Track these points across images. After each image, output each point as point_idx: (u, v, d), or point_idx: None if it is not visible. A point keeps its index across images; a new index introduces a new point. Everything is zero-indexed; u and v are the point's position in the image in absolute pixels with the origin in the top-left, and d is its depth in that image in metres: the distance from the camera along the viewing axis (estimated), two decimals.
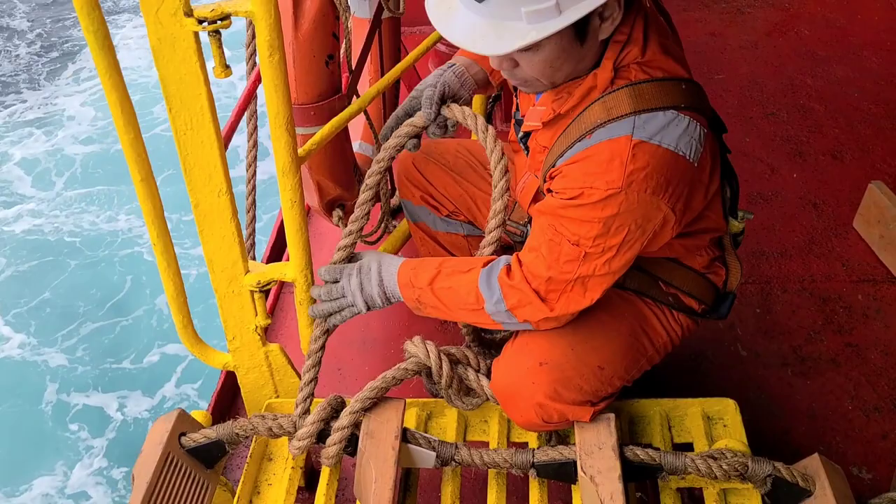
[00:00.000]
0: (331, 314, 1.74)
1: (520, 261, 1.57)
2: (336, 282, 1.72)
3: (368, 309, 1.71)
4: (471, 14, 1.36)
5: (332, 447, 1.67)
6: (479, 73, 1.81)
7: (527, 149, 1.67)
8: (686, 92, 1.46)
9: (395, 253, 2.40)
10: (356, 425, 1.69)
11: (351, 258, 1.76)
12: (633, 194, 1.40)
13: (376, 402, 1.72)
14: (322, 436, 1.70)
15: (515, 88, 1.68)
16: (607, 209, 1.42)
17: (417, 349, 1.71)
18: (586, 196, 1.42)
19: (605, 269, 1.50)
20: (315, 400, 1.80)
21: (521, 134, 1.69)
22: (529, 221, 1.93)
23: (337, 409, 1.72)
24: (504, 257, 1.63)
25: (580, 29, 1.36)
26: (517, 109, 1.73)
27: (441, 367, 1.69)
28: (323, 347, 1.79)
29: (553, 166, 1.51)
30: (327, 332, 1.79)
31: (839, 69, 3.91)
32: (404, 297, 1.67)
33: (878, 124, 3.49)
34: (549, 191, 1.53)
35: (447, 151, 2.09)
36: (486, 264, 1.61)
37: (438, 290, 1.63)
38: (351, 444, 1.68)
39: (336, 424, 1.68)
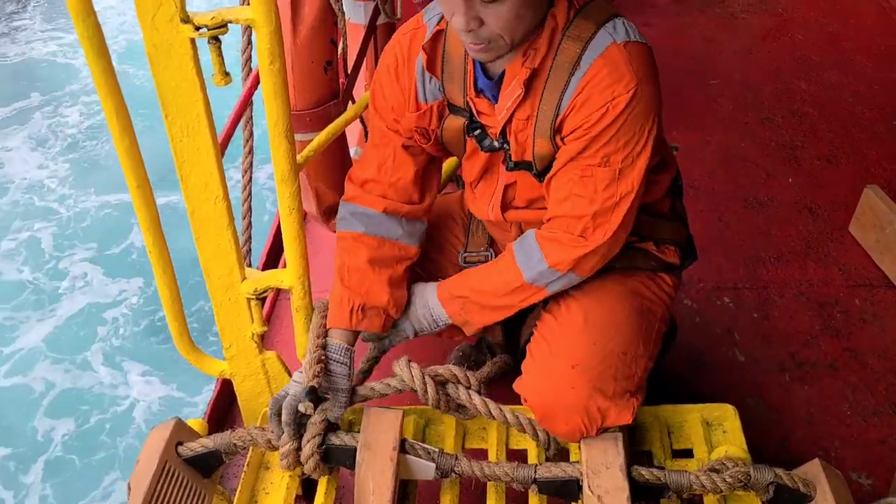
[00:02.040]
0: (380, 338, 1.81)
1: (552, 218, 1.59)
2: None
3: (416, 333, 1.79)
4: None
5: (308, 462, 1.65)
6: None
7: (507, 143, 1.62)
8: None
9: None
10: (322, 434, 1.66)
11: None
12: (646, 86, 1.46)
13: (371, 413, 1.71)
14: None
15: (470, 124, 1.63)
16: (631, 110, 1.45)
17: (402, 372, 1.69)
18: (613, 108, 1.45)
19: (639, 179, 1.52)
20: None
21: (493, 142, 1.63)
22: (491, 245, 1.95)
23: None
24: (530, 230, 1.66)
25: None
26: (481, 138, 1.65)
27: (426, 391, 1.67)
28: (370, 371, 1.87)
29: (557, 114, 1.51)
30: (376, 359, 1.86)
31: (833, 74, 3.93)
32: (448, 312, 1.73)
33: (873, 129, 3.50)
34: (562, 140, 1.53)
35: None
36: (509, 248, 1.67)
37: (477, 285, 1.69)
38: (349, 458, 1.66)
39: (304, 437, 1.65)
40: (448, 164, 2.48)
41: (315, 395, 1.62)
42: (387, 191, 1.74)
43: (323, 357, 1.69)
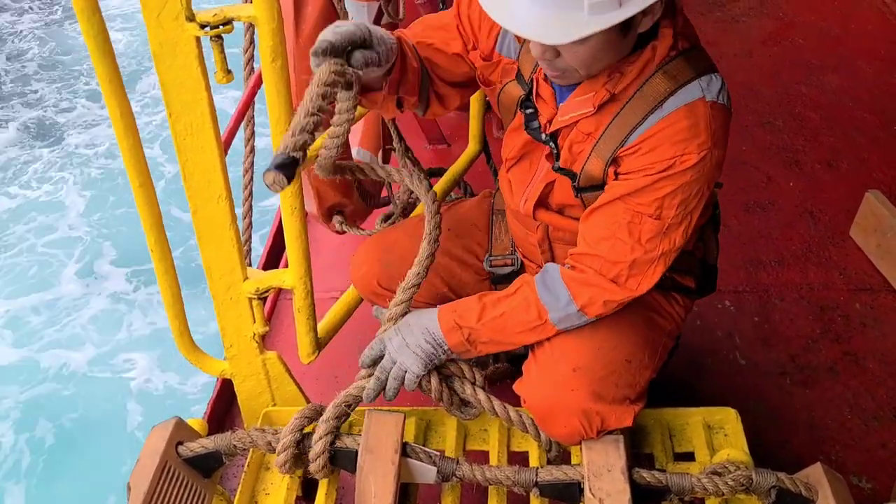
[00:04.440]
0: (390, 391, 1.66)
1: (585, 255, 1.56)
2: (380, 357, 1.66)
3: (425, 369, 1.63)
4: (530, 5, 1.35)
5: (317, 460, 1.64)
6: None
7: (556, 147, 1.61)
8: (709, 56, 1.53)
9: None
10: (334, 432, 1.66)
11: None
12: (716, 150, 1.45)
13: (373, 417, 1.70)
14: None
15: (525, 100, 1.62)
16: (697, 172, 1.45)
17: None
18: (679, 164, 1.44)
19: (682, 239, 1.52)
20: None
21: (541, 133, 1.62)
22: (513, 251, 1.92)
23: (314, 418, 1.69)
24: (549, 264, 1.63)
25: (626, 22, 1.36)
26: (530, 118, 1.64)
27: (430, 383, 1.67)
28: None
29: (622, 145, 1.49)
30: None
31: (834, 78, 3.94)
32: (450, 343, 1.63)
33: (874, 133, 3.50)
34: (616, 174, 1.52)
35: (407, 252, 1.82)
36: (527, 281, 1.61)
37: (490, 321, 1.60)
38: (350, 461, 1.65)
39: (315, 435, 1.65)
40: (466, 154, 2.50)
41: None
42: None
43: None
